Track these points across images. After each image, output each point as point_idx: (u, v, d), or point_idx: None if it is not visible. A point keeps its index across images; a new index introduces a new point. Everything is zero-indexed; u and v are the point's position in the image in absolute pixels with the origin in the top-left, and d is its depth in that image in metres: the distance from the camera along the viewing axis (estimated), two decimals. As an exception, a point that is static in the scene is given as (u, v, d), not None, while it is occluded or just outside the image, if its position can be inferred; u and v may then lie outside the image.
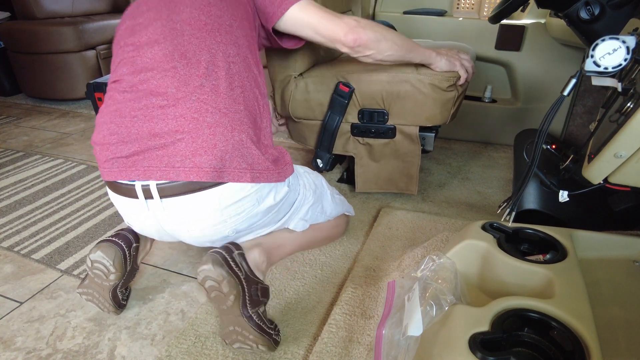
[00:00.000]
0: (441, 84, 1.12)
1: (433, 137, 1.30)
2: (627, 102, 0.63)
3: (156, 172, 0.72)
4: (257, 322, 0.76)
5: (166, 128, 0.71)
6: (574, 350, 0.55)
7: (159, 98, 0.72)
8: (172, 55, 0.74)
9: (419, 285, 0.74)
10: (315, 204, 0.96)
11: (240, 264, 0.76)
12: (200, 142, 0.71)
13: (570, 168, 0.87)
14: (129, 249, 0.86)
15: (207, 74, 0.74)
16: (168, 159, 0.71)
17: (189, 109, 0.72)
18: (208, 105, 0.72)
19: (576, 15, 0.84)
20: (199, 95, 0.72)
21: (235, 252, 0.77)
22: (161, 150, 0.71)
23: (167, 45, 0.75)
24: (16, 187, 1.51)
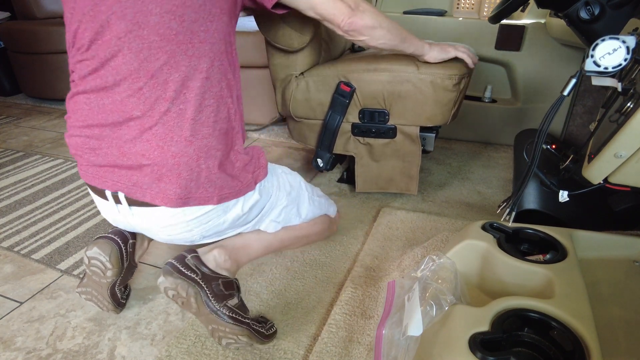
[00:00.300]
0: (443, 82, 1.12)
1: (433, 137, 1.30)
2: (627, 102, 0.63)
3: (124, 187, 0.73)
4: (228, 314, 0.77)
5: (133, 150, 0.70)
6: (574, 350, 0.55)
7: (126, 119, 0.70)
8: (137, 72, 0.67)
9: (419, 285, 0.74)
10: (290, 206, 0.92)
11: (195, 266, 0.76)
12: (165, 170, 0.70)
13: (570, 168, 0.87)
14: (125, 245, 0.87)
15: (175, 97, 0.69)
16: (136, 178, 0.72)
17: (154, 135, 0.69)
18: (173, 133, 0.70)
19: (576, 15, 0.84)
20: (165, 121, 0.69)
21: (188, 256, 0.77)
22: (128, 170, 0.72)
23: (133, 61, 0.67)
24: (16, 187, 1.51)
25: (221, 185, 0.75)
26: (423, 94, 1.15)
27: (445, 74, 1.12)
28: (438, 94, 1.14)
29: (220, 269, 0.80)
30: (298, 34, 1.14)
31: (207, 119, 0.72)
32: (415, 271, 0.78)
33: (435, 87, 1.13)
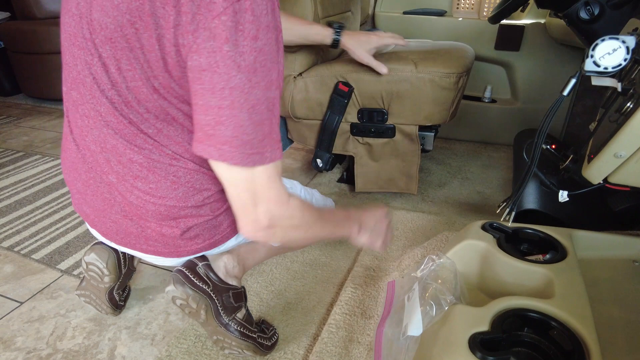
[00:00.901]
0: (441, 81, 1.13)
1: (433, 136, 1.30)
2: (627, 102, 0.63)
3: (109, 232, 0.72)
4: (237, 329, 0.75)
5: (113, 209, 0.68)
6: (574, 350, 0.55)
7: (102, 180, 0.67)
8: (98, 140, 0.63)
9: (418, 286, 0.74)
10: None
11: (206, 276, 0.72)
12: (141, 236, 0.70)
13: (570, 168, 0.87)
14: (124, 252, 0.85)
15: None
16: (117, 228, 0.70)
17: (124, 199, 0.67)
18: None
19: (576, 15, 0.84)
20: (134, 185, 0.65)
21: (200, 264, 0.72)
22: (111, 223, 0.70)
23: (95, 126, 0.62)
24: (16, 187, 1.51)
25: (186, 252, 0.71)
26: (421, 93, 1.15)
27: (443, 72, 1.12)
28: (436, 93, 1.14)
29: (229, 277, 0.76)
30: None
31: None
32: (415, 271, 0.78)
33: (433, 85, 1.13)
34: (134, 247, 0.72)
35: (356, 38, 1.10)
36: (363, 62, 1.11)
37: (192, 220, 0.67)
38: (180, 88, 0.55)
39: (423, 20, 1.77)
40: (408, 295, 0.77)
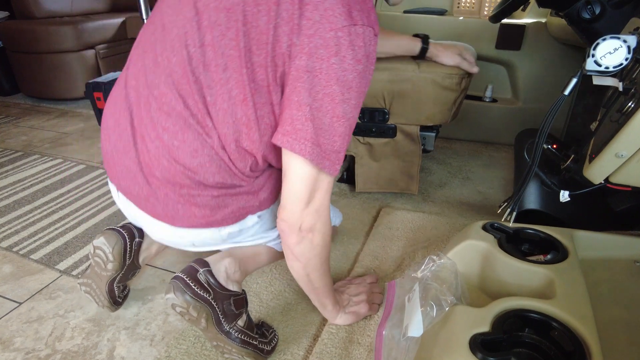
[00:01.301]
0: (444, 81, 1.12)
1: (434, 136, 1.30)
2: (628, 102, 0.63)
3: (122, 182, 0.73)
4: (237, 336, 0.74)
5: (129, 155, 0.72)
6: (575, 350, 0.55)
7: (132, 121, 0.72)
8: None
9: (419, 286, 0.74)
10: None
11: (207, 283, 0.71)
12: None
13: (571, 168, 0.86)
14: (131, 242, 0.85)
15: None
16: (130, 179, 0.72)
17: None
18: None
19: (577, 14, 0.84)
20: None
21: (201, 270, 0.71)
22: (126, 172, 0.72)
23: None
24: (15, 187, 1.51)
25: (220, 211, 0.71)
26: (423, 93, 1.14)
27: (446, 73, 1.12)
28: (438, 93, 1.14)
29: (230, 281, 0.76)
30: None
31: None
32: (415, 271, 0.77)
33: (435, 86, 1.13)
34: (139, 204, 0.73)
35: (445, 47, 1.14)
36: (450, 64, 1.13)
37: (195, 191, 0.68)
38: (272, 73, 0.60)
39: (424, 20, 1.77)
40: (408, 296, 0.77)
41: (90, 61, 2.48)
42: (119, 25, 2.63)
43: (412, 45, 1.14)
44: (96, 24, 2.49)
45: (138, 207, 0.74)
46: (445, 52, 1.14)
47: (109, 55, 2.57)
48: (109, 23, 2.57)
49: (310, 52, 0.57)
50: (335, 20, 0.56)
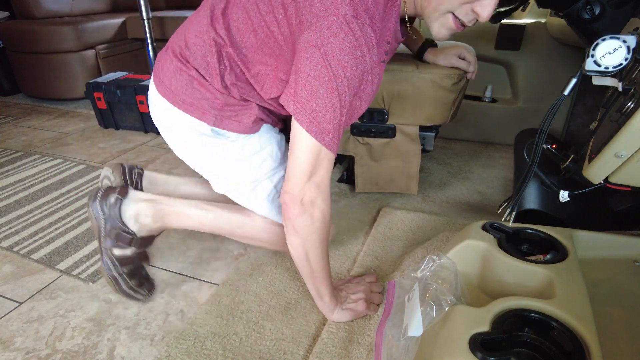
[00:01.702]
0: (442, 81, 1.12)
1: (433, 136, 1.30)
2: (628, 102, 0.63)
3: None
4: (107, 260, 0.91)
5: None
6: (575, 350, 0.55)
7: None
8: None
9: (419, 286, 0.74)
10: (243, 182, 0.88)
11: (107, 206, 0.89)
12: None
13: (571, 168, 0.87)
14: (131, 171, 0.99)
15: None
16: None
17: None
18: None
19: (577, 14, 0.84)
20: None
21: (114, 194, 0.89)
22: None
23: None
24: (15, 187, 1.51)
25: (187, 95, 0.81)
26: (422, 94, 1.14)
27: (444, 73, 1.12)
28: (437, 94, 1.14)
29: (134, 221, 0.90)
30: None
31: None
32: (415, 271, 0.77)
33: (434, 86, 1.13)
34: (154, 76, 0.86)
35: (440, 49, 1.16)
36: (447, 65, 1.14)
37: (179, 63, 0.80)
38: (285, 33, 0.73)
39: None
40: (408, 296, 0.77)
41: (90, 61, 2.48)
42: (119, 25, 2.63)
43: (417, 44, 1.18)
44: (96, 24, 2.49)
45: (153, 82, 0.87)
46: (441, 54, 1.14)
47: (109, 56, 2.57)
48: (109, 23, 2.57)
49: (315, 29, 0.67)
50: (342, 9, 0.66)
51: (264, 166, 0.89)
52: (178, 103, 0.82)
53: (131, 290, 0.93)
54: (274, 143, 0.90)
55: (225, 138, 0.85)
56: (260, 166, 0.88)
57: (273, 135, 0.91)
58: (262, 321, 0.89)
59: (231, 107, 0.82)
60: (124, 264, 0.92)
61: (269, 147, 0.89)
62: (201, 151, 0.87)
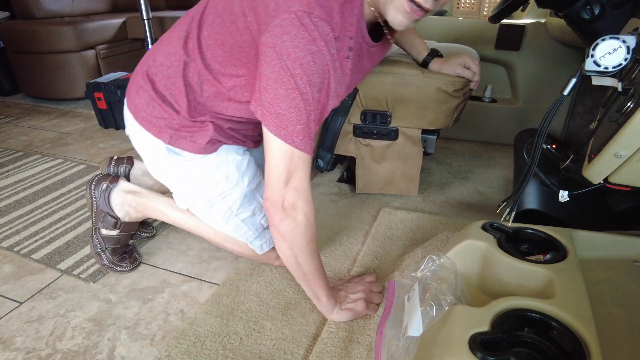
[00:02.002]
0: (447, 87, 1.12)
1: (435, 139, 1.30)
2: (627, 102, 0.63)
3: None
4: (95, 237, 1.04)
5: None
6: (574, 350, 0.55)
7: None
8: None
9: (419, 286, 0.74)
10: (201, 202, 0.91)
11: (100, 190, 1.01)
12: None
13: (571, 168, 0.87)
14: (117, 164, 1.09)
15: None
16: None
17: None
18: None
19: (576, 14, 0.84)
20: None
21: (106, 182, 1.01)
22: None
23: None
24: (15, 187, 1.51)
25: (147, 113, 0.84)
26: (426, 98, 1.14)
27: (449, 79, 1.12)
28: (441, 98, 1.14)
29: (120, 207, 1.02)
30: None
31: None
32: (415, 271, 0.78)
33: (439, 91, 1.13)
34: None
35: (445, 59, 1.14)
36: (452, 74, 1.13)
37: (143, 81, 0.84)
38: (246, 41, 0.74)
39: (423, 20, 1.76)
40: (408, 296, 0.77)
41: (90, 61, 2.48)
42: (120, 25, 2.63)
43: (421, 51, 1.16)
44: (96, 24, 2.49)
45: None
46: (447, 64, 1.14)
47: (109, 56, 2.57)
48: (110, 23, 2.57)
49: (270, 30, 0.66)
50: (293, 5, 0.65)
51: (218, 187, 0.90)
52: (139, 119, 0.85)
53: (112, 264, 1.05)
54: (231, 164, 0.90)
55: (181, 157, 0.87)
56: (215, 187, 0.90)
57: (232, 156, 0.91)
58: (262, 321, 0.89)
59: (187, 128, 0.84)
60: (109, 242, 1.05)
61: (225, 168, 0.90)
62: (161, 167, 0.91)
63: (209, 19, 0.77)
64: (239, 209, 0.92)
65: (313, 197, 1.34)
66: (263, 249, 0.97)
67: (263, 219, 0.96)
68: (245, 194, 0.92)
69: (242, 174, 0.91)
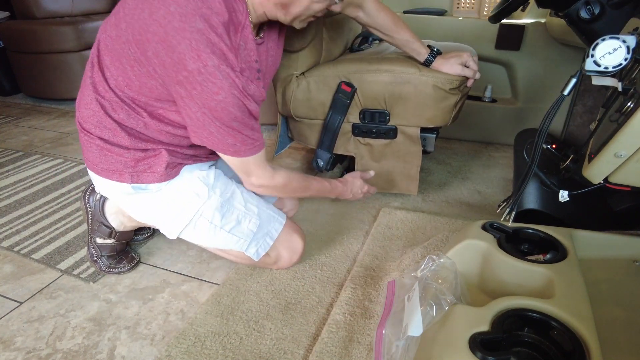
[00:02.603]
0: (444, 85, 1.12)
1: (434, 138, 1.30)
2: (627, 102, 0.63)
3: None
4: (90, 245, 1.06)
5: None
6: (574, 350, 0.55)
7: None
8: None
9: (419, 285, 0.74)
10: (184, 227, 0.91)
11: (93, 201, 1.03)
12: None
13: (571, 168, 0.87)
14: (92, 194, 1.06)
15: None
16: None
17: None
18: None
19: (576, 14, 0.84)
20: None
21: (98, 193, 1.02)
22: None
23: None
24: (15, 187, 1.51)
25: (103, 163, 0.85)
26: (424, 96, 1.15)
27: (447, 77, 1.12)
28: (439, 96, 1.14)
29: (114, 216, 1.03)
30: (298, 35, 1.14)
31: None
32: (415, 271, 0.78)
33: (436, 89, 1.13)
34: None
35: (447, 58, 1.13)
36: (453, 74, 1.12)
37: (85, 136, 0.84)
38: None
39: (423, 20, 1.77)
40: (408, 295, 0.77)
41: (90, 61, 2.48)
42: (120, 25, 2.63)
43: (420, 51, 1.14)
44: (96, 24, 2.49)
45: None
46: (447, 64, 1.13)
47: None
48: (110, 23, 2.57)
49: (181, 83, 0.70)
50: (190, 63, 0.67)
51: (191, 206, 0.89)
52: (99, 171, 0.85)
53: (109, 268, 1.06)
54: (197, 180, 0.90)
55: (149, 191, 0.87)
56: (189, 206, 0.90)
57: (197, 172, 0.91)
58: (262, 321, 0.89)
59: (143, 161, 0.85)
60: (105, 250, 1.06)
61: (192, 186, 0.90)
62: (136, 207, 0.91)
63: (106, 61, 0.76)
64: (222, 221, 0.91)
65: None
66: (259, 254, 0.96)
67: (250, 224, 0.94)
68: (221, 205, 0.91)
69: (211, 187, 0.91)
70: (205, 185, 0.91)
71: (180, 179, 0.89)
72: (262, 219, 0.96)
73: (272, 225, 0.98)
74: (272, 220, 0.98)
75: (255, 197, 0.97)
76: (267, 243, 0.97)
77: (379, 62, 1.17)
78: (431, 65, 1.14)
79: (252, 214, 0.95)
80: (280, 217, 1.00)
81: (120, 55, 0.74)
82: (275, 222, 0.98)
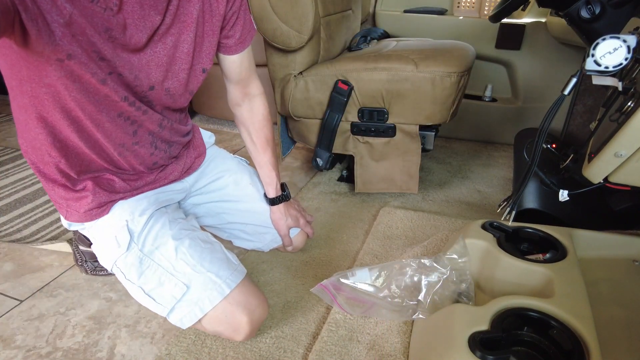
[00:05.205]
0: (442, 80, 1.12)
1: (433, 135, 1.30)
2: (628, 102, 0.63)
3: None
4: (74, 241, 1.05)
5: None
6: (574, 349, 0.55)
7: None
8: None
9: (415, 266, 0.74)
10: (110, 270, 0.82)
11: (78, 240, 1.04)
12: None
13: (571, 167, 0.87)
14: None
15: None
16: None
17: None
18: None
19: (577, 14, 0.84)
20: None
21: (81, 233, 0.91)
22: None
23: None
24: (16, 186, 1.51)
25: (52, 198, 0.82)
26: (422, 93, 1.15)
27: (444, 72, 1.12)
28: (437, 92, 1.14)
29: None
30: (296, 34, 1.14)
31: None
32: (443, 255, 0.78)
33: (434, 85, 1.13)
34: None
35: (285, 210, 1.01)
36: (278, 229, 1.01)
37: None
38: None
39: (423, 19, 1.77)
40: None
41: (90, 60, 2.47)
42: (120, 24, 2.62)
43: (273, 185, 1.00)
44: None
45: None
46: (280, 221, 1.00)
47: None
48: (110, 22, 2.56)
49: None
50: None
51: (110, 253, 0.79)
52: (61, 211, 0.83)
53: (94, 272, 1.05)
54: (121, 225, 0.79)
55: (82, 228, 0.83)
56: (107, 253, 0.80)
57: (127, 215, 0.80)
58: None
59: (65, 197, 0.79)
60: (88, 255, 1.05)
61: (113, 230, 0.79)
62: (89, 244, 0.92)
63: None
64: (139, 280, 0.76)
65: (313, 196, 1.34)
66: (184, 323, 0.76)
67: (176, 289, 0.75)
68: (140, 261, 0.76)
69: (136, 236, 0.77)
70: (129, 232, 0.77)
71: (109, 216, 0.80)
72: (194, 284, 0.75)
73: (206, 294, 0.75)
74: (210, 287, 0.75)
75: (199, 254, 0.77)
76: (195, 315, 0.75)
77: (376, 60, 1.18)
78: (271, 207, 1.00)
79: (181, 275, 0.75)
80: (225, 285, 0.76)
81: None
82: (214, 290, 0.75)
